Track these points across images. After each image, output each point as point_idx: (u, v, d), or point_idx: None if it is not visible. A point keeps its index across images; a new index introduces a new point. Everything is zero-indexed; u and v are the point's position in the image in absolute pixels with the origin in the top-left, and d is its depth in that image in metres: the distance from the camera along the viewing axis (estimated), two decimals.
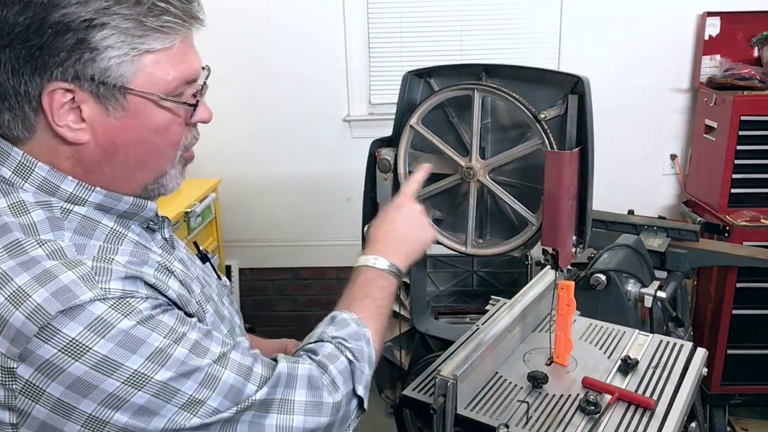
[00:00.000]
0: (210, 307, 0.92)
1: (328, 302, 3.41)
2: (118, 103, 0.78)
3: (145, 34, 0.76)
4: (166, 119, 0.82)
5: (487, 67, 1.20)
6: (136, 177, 0.85)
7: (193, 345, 0.78)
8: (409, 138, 1.26)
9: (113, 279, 0.74)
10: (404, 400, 1.18)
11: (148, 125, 0.81)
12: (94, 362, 0.70)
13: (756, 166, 2.51)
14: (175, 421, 0.75)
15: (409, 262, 1.10)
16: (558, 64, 2.88)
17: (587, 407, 1.07)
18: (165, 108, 0.81)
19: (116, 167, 0.82)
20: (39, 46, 0.73)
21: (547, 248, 1.12)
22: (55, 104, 0.76)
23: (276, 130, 2.97)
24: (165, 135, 0.83)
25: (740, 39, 2.75)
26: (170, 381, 0.74)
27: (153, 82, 0.79)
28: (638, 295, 1.64)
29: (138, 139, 0.81)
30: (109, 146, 0.80)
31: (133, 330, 0.73)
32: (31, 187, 0.79)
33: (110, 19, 0.74)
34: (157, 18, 0.77)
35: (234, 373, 0.80)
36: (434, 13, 2.87)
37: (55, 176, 0.80)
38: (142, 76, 0.78)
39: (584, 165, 1.11)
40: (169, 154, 0.86)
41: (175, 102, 0.82)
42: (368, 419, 3.32)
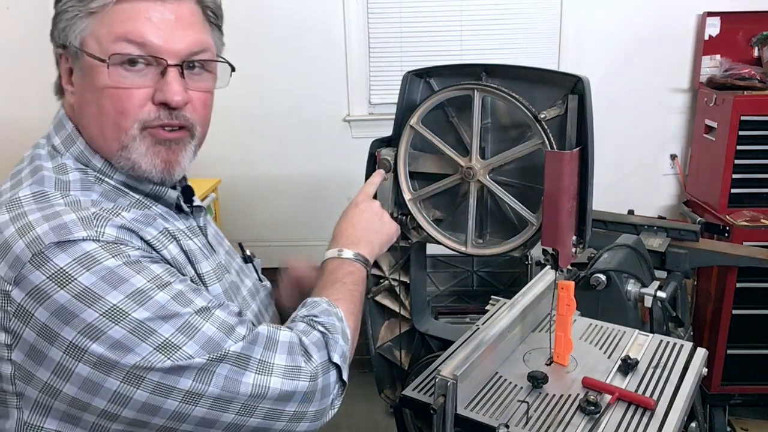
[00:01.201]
0: (218, 286, 0.95)
1: None
2: (79, 64, 0.87)
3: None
4: (107, 79, 0.85)
5: (487, 67, 1.20)
6: (99, 142, 0.89)
7: (177, 294, 0.81)
8: (409, 138, 1.26)
9: (110, 225, 0.81)
10: (404, 400, 1.18)
11: (96, 85, 0.86)
12: (76, 292, 0.75)
13: (756, 166, 2.51)
14: (149, 360, 0.77)
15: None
16: (558, 64, 2.88)
17: (587, 407, 1.07)
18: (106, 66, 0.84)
19: (84, 129, 0.90)
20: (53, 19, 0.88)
21: (547, 248, 1.12)
22: (62, 69, 0.90)
23: (276, 130, 2.97)
24: (111, 98, 0.86)
25: (740, 39, 2.75)
26: (147, 321, 0.77)
27: (96, 40, 0.85)
28: (638, 295, 1.64)
29: (92, 99, 0.87)
30: (77, 105, 0.90)
31: (118, 269, 0.78)
32: (71, 156, 0.90)
33: None
34: None
35: (215, 327, 0.82)
36: (434, 13, 2.87)
37: (89, 151, 0.90)
38: (91, 37, 0.85)
39: (584, 165, 1.11)
40: (119, 121, 0.87)
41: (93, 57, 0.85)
42: (368, 419, 3.33)
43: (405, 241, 1.35)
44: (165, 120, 0.88)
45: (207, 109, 0.96)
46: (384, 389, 1.53)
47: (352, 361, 0.98)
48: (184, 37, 0.88)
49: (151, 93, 0.87)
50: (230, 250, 1.14)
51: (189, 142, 0.94)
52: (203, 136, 0.98)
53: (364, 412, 2.96)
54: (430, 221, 1.30)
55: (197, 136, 0.95)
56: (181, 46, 0.87)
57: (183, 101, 0.88)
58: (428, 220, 1.30)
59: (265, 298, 1.16)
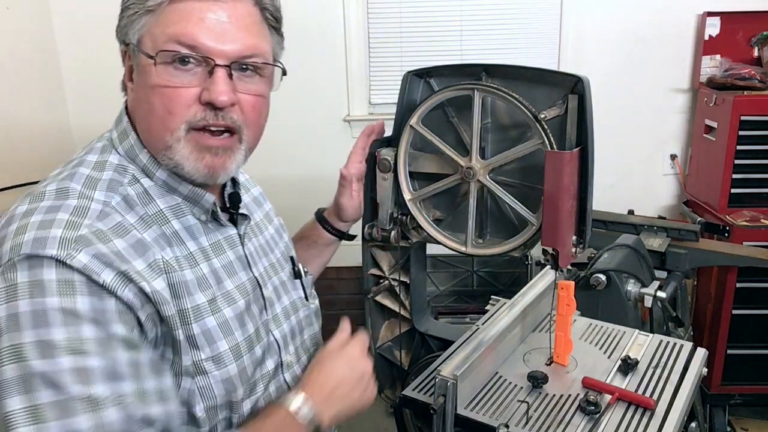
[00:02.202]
0: (211, 320, 0.89)
1: (327, 302, 3.41)
2: (137, 62, 0.88)
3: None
4: (158, 77, 0.86)
5: (487, 67, 1.20)
6: (148, 140, 0.91)
7: (83, 368, 0.74)
8: (409, 138, 1.26)
9: (85, 252, 0.78)
10: (404, 400, 1.18)
11: (147, 82, 0.87)
12: (8, 313, 0.75)
13: (756, 166, 2.51)
14: (10, 418, 0.72)
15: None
16: (558, 64, 2.88)
17: (587, 407, 1.07)
18: (157, 65, 0.85)
19: (139, 125, 0.91)
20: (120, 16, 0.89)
21: (547, 248, 1.12)
22: (126, 68, 0.92)
23: (276, 130, 2.95)
24: (161, 96, 0.86)
25: (740, 39, 2.75)
26: (34, 375, 0.73)
27: (151, 39, 0.86)
28: (638, 295, 1.64)
29: (144, 97, 0.88)
30: (133, 103, 0.92)
31: (52, 311, 0.75)
32: (122, 150, 0.92)
33: None
34: None
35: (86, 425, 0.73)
36: (434, 13, 2.87)
37: (138, 146, 0.92)
38: (147, 35, 0.86)
39: (584, 165, 1.11)
40: (167, 120, 0.87)
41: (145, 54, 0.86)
42: (368, 419, 3.32)
43: (405, 241, 1.35)
44: (210, 120, 0.88)
45: (257, 112, 0.94)
46: (384, 389, 1.53)
47: None
48: (235, 39, 0.87)
49: (198, 93, 0.87)
50: (279, 261, 1.12)
51: (238, 147, 0.92)
52: (254, 140, 0.98)
53: (364, 412, 2.96)
54: (430, 221, 1.30)
55: (246, 140, 0.93)
56: (231, 48, 0.87)
57: (229, 101, 0.87)
58: (428, 220, 1.30)
59: (306, 318, 1.13)
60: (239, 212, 1.02)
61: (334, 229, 1.33)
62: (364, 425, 2.90)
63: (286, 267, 1.14)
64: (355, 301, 3.16)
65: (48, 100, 2.84)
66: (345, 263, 3.10)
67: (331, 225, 1.34)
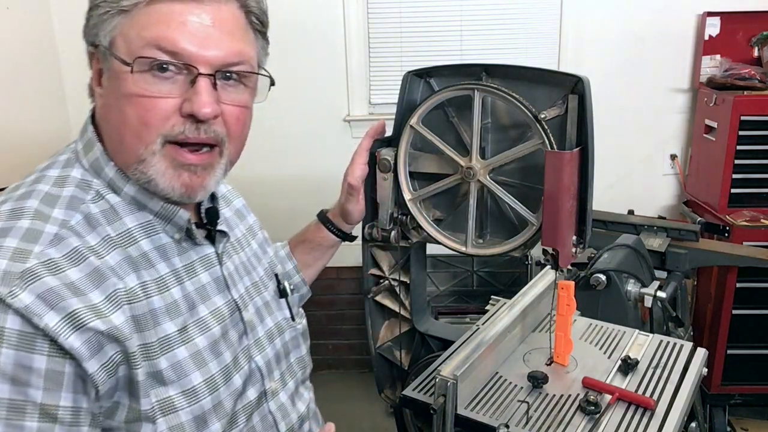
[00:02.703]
0: (183, 350, 0.83)
1: (327, 302, 3.42)
2: (108, 66, 0.80)
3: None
4: (134, 86, 0.78)
5: (487, 67, 1.20)
6: (116, 151, 0.83)
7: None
8: (409, 138, 1.26)
9: (29, 290, 0.70)
10: (404, 400, 1.18)
11: (120, 90, 0.79)
12: None
13: (756, 166, 2.51)
14: None
15: None
16: (558, 64, 2.88)
17: (587, 407, 1.07)
18: (132, 72, 0.78)
19: (108, 134, 0.84)
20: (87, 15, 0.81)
21: (547, 248, 1.12)
22: (93, 70, 0.83)
23: (276, 130, 2.97)
24: (136, 107, 0.78)
25: (740, 39, 2.75)
26: None
27: (125, 43, 0.79)
28: (638, 295, 1.64)
29: (115, 105, 0.81)
30: (102, 110, 0.84)
31: None
32: (87, 163, 0.84)
33: None
34: None
35: None
36: (434, 13, 2.87)
37: (104, 158, 0.84)
38: (120, 38, 0.79)
39: (584, 165, 1.11)
40: (141, 132, 0.79)
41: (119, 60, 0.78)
42: (368, 419, 3.32)
43: (405, 241, 1.35)
44: (190, 135, 0.80)
45: (241, 124, 0.87)
46: (384, 389, 1.53)
47: (352, 361, 0.98)
48: (220, 45, 0.80)
49: (179, 104, 0.79)
50: (262, 279, 1.05)
51: (218, 163, 0.85)
52: (236, 155, 0.90)
53: (364, 412, 2.96)
54: (430, 221, 1.30)
55: (227, 154, 0.86)
56: (215, 54, 0.79)
57: (212, 114, 0.80)
58: (428, 220, 1.30)
59: (292, 340, 1.07)
60: (217, 229, 0.95)
61: (339, 230, 1.31)
62: (364, 425, 2.90)
63: (270, 285, 1.07)
64: (355, 301, 3.16)
65: (48, 100, 2.84)
66: (345, 263, 3.11)
67: (336, 227, 1.31)
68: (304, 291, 1.33)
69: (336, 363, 3.28)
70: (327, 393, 3.12)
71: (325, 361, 3.28)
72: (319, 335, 3.25)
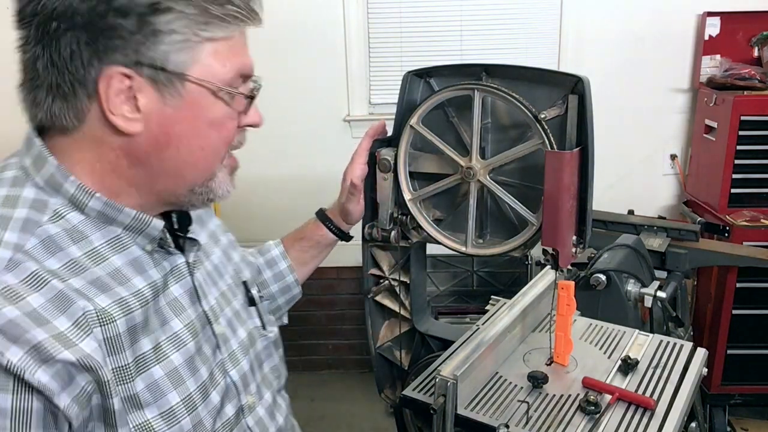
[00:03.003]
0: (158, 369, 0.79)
1: (327, 302, 3.42)
2: (176, 91, 0.76)
3: (208, 21, 0.75)
4: (222, 112, 0.80)
5: (487, 67, 1.20)
6: (186, 174, 0.81)
7: None
8: (409, 138, 1.26)
9: None
10: (404, 400, 1.18)
11: (203, 117, 0.79)
12: None
13: (756, 166, 2.51)
14: None
15: None
16: (558, 64, 2.88)
17: (587, 407, 1.07)
18: (221, 100, 0.79)
19: (166, 161, 0.79)
20: (101, 29, 0.71)
21: (547, 248, 1.12)
22: (112, 91, 0.73)
23: (276, 129, 2.97)
24: (219, 130, 0.81)
25: (740, 39, 2.75)
26: None
27: (211, 72, 0.77)
28: (638, 295, 1.64)
29: (193, 132, 0.79)
30: (162, 137, 0.77)
31: None
32: (41, 180, 0.77)
33: (175, 4, 0.73)
34: (222, 6, 0.76)
35: None
36: (434, 13, 2.87)
37: (62, 173, 0.77)
38: (200, 65, 0.77)
39: (584, 165, 1.11)
40: (220, 151, 0.83)
41: (232, 92, 0.80)
42: (368, 419, 3.32)
43: (405, 241, 1.35)
44: (243, 144, 0.87)
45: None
46: (384, 389, 1.53)
47: (352, 361, 0.97)
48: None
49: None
50: (230, 287, 1.00)
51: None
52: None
53: (364, 412, 2.96)
54: (430, 221, 1.30)
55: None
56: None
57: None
58: (428, 220, 1.30)
59: (265, 349, 1.03)
60: (187, 236, 0.90)
61: (337, 229, 1.31)
62: (364, 425, 2.91)
63: (239, 293, 1.02)
64: (355, 301, 3.16)
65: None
66: (345, 263, 3.11)
67: (335, 226, 1.31)
68: (296, 292, 1.29)
69: (336, 363, 3.28)
70: (327, 393, 3.14)
71: (325, 361, 3.28)
72: (319, 335, 3.25)
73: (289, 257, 1.28)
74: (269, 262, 1.26)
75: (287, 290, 1.27)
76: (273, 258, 1.27)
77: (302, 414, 3.32)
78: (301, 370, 3.29)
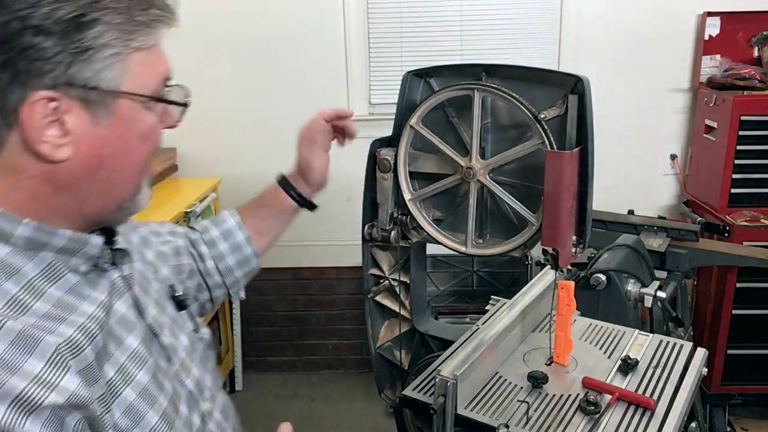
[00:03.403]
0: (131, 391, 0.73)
1: (327, 302, 3.42)
2: (108, 110, 0.69)
3: (135, 29, 0.69)
4: (151, 123, 0.75)
5: (487, 67, 1.20)
6: (116, 194, 0.75)
7: None
8: (409, 138, 1.26)
9: None
10: (404, 400, 1.18)
11: (135, 131, 0.73)
12: None
13: (756, 166, 2.51)
14: None
15: None
16: (558, 64, 2.88)
17: (587, 407, 1.07)
18: (150, 110, 0.74)
19: (97, 183, 0.72)
20: (19, 50, 0.63)
21: (547, 248, 1.12)
22: (36, 116, 0.65)
23: (276, 129, 2.96)
24: (148, 141, 0.75)
25: (740, 39, 2.75)
26: None
27: (141, 83, 0.72)
28: (638, 295, 1.64)
29: (126, 148, 0.73)
30: (94, 160, 0.70)
31: None
32: None
33: (102, 14, 0.66)
34: (146, 12, 0.70)
35: None
36: (434, 13, 2.87)
37: None
38: (131, 78, 0.71)
39: (584, 165, 1.11)
40: (149, 163, 0.77)
41: (163, 101, 0.75)
42: (368, 419, 3.32)
43: (405, 241, 1.35)
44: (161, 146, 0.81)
45: None
46: (384, 389, 1.53)
47: (352, 361, 0.96)
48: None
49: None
50: (159, 293, 0.92)
51: None
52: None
53: (364, 412, 2.96)
54: (430, 221, 1.30)
55: None
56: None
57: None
58: (428, 220, 1.30)
59: (204, 352, 0.97)
60: (116, 248, 0.81)
61: (298, 195, 1.20)
62: (364, 425, 2.90)
63: (167, 298, 0.95)
64: (355, 301, 3.16)
65: None
66: (345, 263, 3.12)
67: (296, 190, 1.20)
68: (254, 264, 1.19)
69: (336, 363, 3.28)
70: (327, 393, 3.14)
71: (325, 361, 3.28)
72: (319, 335, 3.25)
73: (247, 227, 1.18)
74: (225, 234, 1.16)
75: (245, 263, 1.17)
76: (229, 229, 1.17)
77: (302, 414, 3.32)
78: (301, 370, 3.30)
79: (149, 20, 0.71)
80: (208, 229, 1.16)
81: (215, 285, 1.15)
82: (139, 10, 0.70)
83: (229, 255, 1.16)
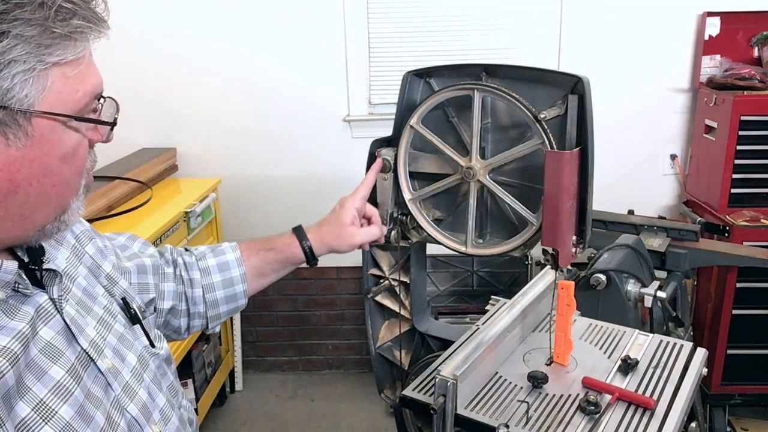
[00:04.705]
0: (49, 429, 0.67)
1: (327, 302, 3.43)
2: (21, 130, 0.63)
3: (54, 43, 0.63)
4: (74, 142, 0.69)
5: (487, 67, 1.20)
6: (35, 217, 0.70)
7: None
8: (409, 138, 1.26)
9: None
10: (404, 400, 1.18)
11: (55, 153, 0.67)
12: None
13: (756, 166, 2.51)
14: None
15: None
16: (558, 64, 2.88)
17: (587, 407, 1.07)
18: (74, 130, 0.68)
19: (12, 208, 0.66)
20: None
21: (547, 248, 1.12)
22: None
23: (276, 129, 2.97)
24: (72, 162, 0.70)
25: (740, 39, 2.75)
26: None
27: (61, 101, 0.66)
28: (638, 295, 1.64)
29: (43, 171, 0.67)
30: (6, 184, 0.65)
31: None
32: None
33: (10, 26, 0.60)
34: (66, 23, 0.64)
35: None
36: (434, 13, 2.87)
37: None
38: (49, 95, 0.64)
39: (584, 165, 1.11)
40: (75, 184, 0.72)
41: (90, 122, 0.69)
42: (368, 419, 3.32)
43: (405, 241, 1.35)
44: (96, 161, 0.76)
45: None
46: (384, 389, 1.53)
47: (352, 361, 0.96)
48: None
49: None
50: (108, 309, 0.86)
51: None
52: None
53: (364, 412, 2.96)
54: (430, 221, 1.30)
55: None
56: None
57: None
58: (428, 220, 1.30)
59: (159, 369, 0.91)
60: (44, 268, 0.76)
61: (310, 250, 1.18)
62: (364, 425, 2.90)
63: (118, 313, 0.88)
64: (355, 301, 3.16)
65: None
66: (345, 263, 3.12)
67: (310, 246, 1.18)
68: (240, 303, 1.16)
69: (336, 363, 3.28)
70: (327, 393, 3.14)
71: (325, 361, 3.28)
72: (319, 335, 3.26)
73: (248, 264, 1.16)
74: (221, 266, 1.13)
75: (233, 299, 1.14)
76: (226, 261, 1.14)
77: (302, 414, 3.33)
78: (301, 370, 3.30)
79: (69, 32, 0.64)
80: (205, 257, 1.14)
81: (196, 314, 1.11)
82: (57, 21, 0.63)
83: (219, 288, 1.12)
